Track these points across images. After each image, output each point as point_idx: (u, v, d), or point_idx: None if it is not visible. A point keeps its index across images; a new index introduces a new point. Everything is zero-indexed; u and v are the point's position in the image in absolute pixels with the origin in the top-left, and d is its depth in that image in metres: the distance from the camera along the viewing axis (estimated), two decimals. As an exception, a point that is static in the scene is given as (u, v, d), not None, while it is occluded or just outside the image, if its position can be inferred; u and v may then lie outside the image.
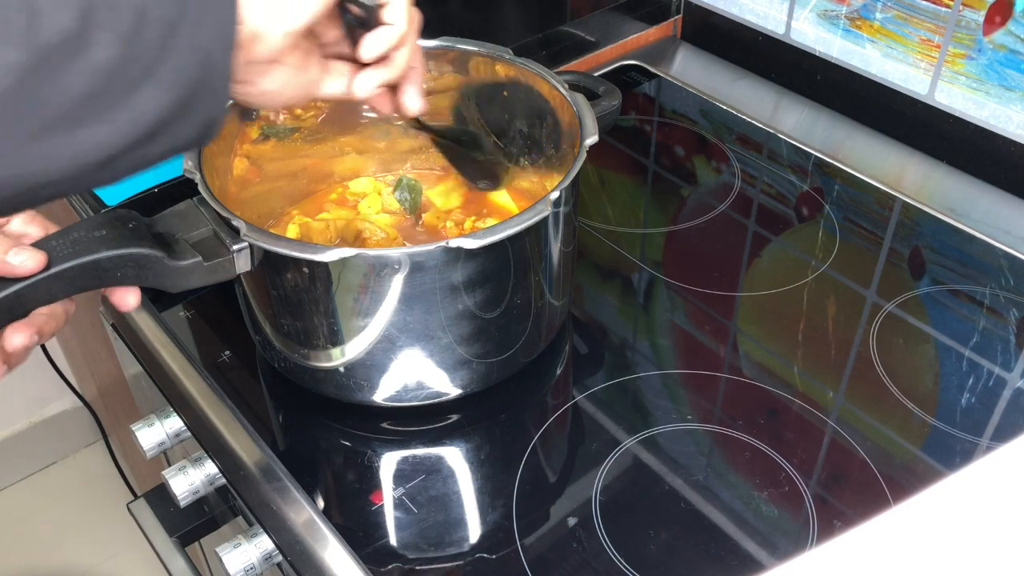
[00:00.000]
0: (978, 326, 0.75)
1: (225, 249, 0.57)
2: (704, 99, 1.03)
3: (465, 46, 0.74)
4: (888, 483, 0.63)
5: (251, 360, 0.72)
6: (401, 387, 0.65)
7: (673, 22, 1.13)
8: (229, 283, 0.62)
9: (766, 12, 1.01)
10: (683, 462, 0.65)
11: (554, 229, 0.63)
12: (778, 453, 0.65)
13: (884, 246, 0.83)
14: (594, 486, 0.63)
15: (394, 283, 0.58)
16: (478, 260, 0.59)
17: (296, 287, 0.60)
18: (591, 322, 0.77)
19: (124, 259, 0.53)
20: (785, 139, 0.97)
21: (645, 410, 0.68)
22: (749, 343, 0.74)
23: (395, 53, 0.55)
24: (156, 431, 0.71)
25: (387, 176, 0.80)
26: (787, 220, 0.86)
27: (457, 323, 0.62)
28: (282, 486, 0.63)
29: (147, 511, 0.74)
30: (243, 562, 0.62)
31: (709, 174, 0.93)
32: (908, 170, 0.93)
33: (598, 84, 0.74)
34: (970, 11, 0.83)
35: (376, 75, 0.56)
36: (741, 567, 0.58)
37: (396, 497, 0.62)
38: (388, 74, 0.56)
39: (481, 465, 0.65)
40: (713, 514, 0.61)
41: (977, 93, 0.86)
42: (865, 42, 0.93)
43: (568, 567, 0.58)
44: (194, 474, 0.68)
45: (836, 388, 0.70)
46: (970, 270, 0.80)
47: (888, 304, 0.76)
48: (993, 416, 0.68)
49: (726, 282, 0.79)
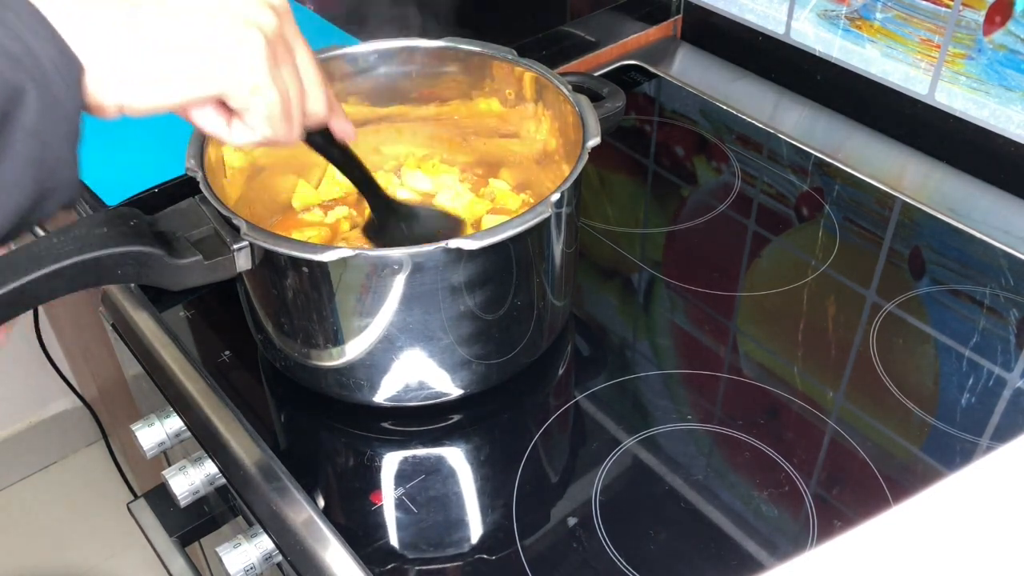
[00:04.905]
0: (978, 326, 0.75)
1: (226, 248, 0.58)
2: (704, 99, 1.03)
3: (469, 47, 0.74)
4: (888, 483, 0.63)
5: (251, 360, 0.72)
6: (402, 387, 0.65)
7: (673, 22, 1.13)
8: (230, 283, 0.62)
9: (766, 12, 1.01)
10: (683, 462, 0.65)
11: (556, 230, 0.63)
12: (778, 453, 0.65)
13: (884, 246, 0.83)
14: (594, 486, 0.63)
15: (395, 283, 0.58)
16: (479, 261, 0.59)
17: (296, 286, 0.60)
18: (591, 322, 0.77)
19: (124, 257, 0.53)
20: (785, 139, 0.97)
21: (645, 410, 0.68)
22: (749, 343, 0.74)
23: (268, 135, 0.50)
24: (156, 431, 0.71)
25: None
26: (787, 220, 0.87)
27: (458, 324, 0.62)
28: (282, 486, 0.63)
29: (147, 511, 0.74)
30: (243, 562, 0.62)
31: (709, 174, 0.93)
32: (908, 170, 0.93)
33: (602, 85, 0.74)
34: (970, 11, 0.83)
35: (251, 136, 0.50)
36: (741, 567, 0.58)
37: (396, 497, 0.62)
38: (263, 140, 0.50)
39: (481, 465, 0.65)
40: (713, 514, 0.61)
41: (977, 93, 0.86)
42: (865, 42, 0.93)
43: (568, 567, 0.58)
44: (194, 474, 0.68)
45: (836, 388, 0.70)
46: (970, 270, 0.80)
47: (888, 304, 0.76)
48: (993, 416, 0.68)
49: (726, 282, 0.79)
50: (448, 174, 0.80)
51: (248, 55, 0.45)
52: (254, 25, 0.45)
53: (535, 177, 0.77)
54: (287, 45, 0.48)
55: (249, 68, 0.45)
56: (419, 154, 0.80)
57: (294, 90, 0.49)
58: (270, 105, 0.47)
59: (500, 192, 0.78)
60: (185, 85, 0.45)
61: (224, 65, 0.45)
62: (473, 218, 0.76)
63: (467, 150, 0.80)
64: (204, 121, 0.48)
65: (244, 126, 0.48)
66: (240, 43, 0.45)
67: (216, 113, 0.48)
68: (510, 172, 0.79)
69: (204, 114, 0.47)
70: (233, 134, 0.49)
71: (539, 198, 0.73)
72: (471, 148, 0.80)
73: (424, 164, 0.80)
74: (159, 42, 0.43)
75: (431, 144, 0.80)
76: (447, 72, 0.75)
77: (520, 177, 0.78)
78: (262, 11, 0.46)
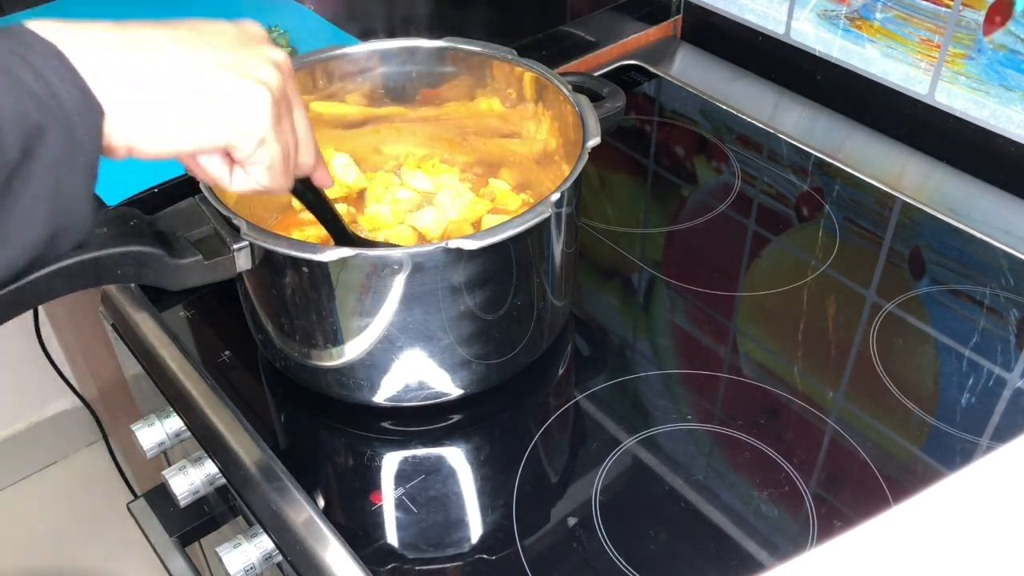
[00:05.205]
0: (978, 326, 0.75)
1: (225, 248, 0.58)
2: (704, 99, 1.03)
3: (469, 47, 0.74)
4: (888, 483, 0.63)
5: (251, 360, 0.72)
6: (402, 387, 0.65)
7: (673, 22, 1.13)
8: (229, 283, 0.62)
9: (766, 12, 1.01)
10: (683, 462, 0.65)
11: (556, 230, 0.63)
12: (778, 453, 0.65)
13: (884, 246, 0.83)
14: (594, 486, 0.63)
15: (395, 283, 0.58)
16: (479, 261, 0.59)
17: (296, 286, 0.60)
18: (591, 322, 0.77)
19: (124, 257, 0.53)
20: (785, 139, 0.97)
21: (645, 410, 0.68)
22: (749, 343, 0.74)
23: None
24: (156, 431, 0.71)
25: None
26: (787, 220, 0.87)
27: (458, 324, 0.62)
28: (282, 486, 0.63)
29: (147, 511, 0.74)
30: (243, 562, 0.62)
31: (709, 174, 0.93)
32: (908, 170, 0.93)
33: (602, 85, 0.74)
34: (970, 11, 0.83)
35: (250, 185, 0.52)
36: (741, 567, 0.58)
37: (396, 497, 0.62)
38: (259, 189, 0.53)
39: (481, 465, 0.65)
40: (713, 514, 0.61)
41: (977, 93, 0.86)
42: (865, 42, 0.93)
43: (568, 567, 0.58)
44: (194, 474, 0.68)
45: (836, 388, 0.70)
46: (970, 270, 0.80)
47: (888, 304, 0.76)
48: (993, 416, 0.68)
49: (726, 282, 0.79)
50: (448, 174, 0.80)
51: (256, 110, 0.48)
52: (263, 82, 0.48)
53: (535, 177, 0.77)
54: (288, 102, 0.51)
55: (257, 122, 0.48)
56: (419, 154, 0.80)
57: (292, 144, 0.52)
58: (272, 157, 0.50)
59: (500, 192, 0.78)
60: (196, 134, 0.47)
61: (234, 118, 0.47)
62: (473, 218, 0.76)
63: (467, 150, 0.80)
64: (210, 168, 0.50)
65: (245, 175, 0.51)
66: (250, 98, 0.48)
67: (221, 162, 0.50)
68: (510, 172, 0.79)
69: (211, 162, 0.50)
70: (234, 182, 0.51)
71: (539, 198, 0.73)
72: (471, 148, 0.80)
73: (424, 164, 0.80)
74: (175, 92, 0.45)
75: (431, 144, 0.80)
76: (447, 72, 0.75)
77: (520, 177, 0.78)
78: (269, 70, 0.49)
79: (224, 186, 0.51)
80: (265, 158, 0.50)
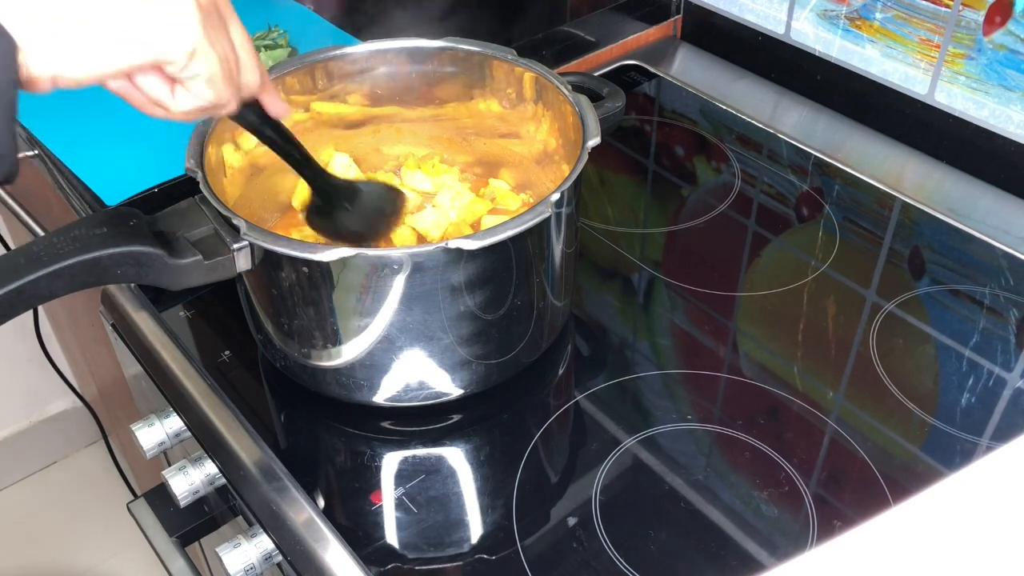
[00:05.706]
0: (978, 326, 0.75)
1: (225, 248, 0.58)
2: (704, 99, 1.03)
3: (469, 47, 0.74)
4: (888, 483, 0.63)
5: (251, 360, 0.72)
6: (402, 387, 0.65)
7: (673, 22, 1.13)
8: (229, 283, 0.62)
9: (766, 12, 1.01)
10: (683, 462, 0.65)
11: (556, 230, 0.63)
12: (778, 453, 0.65)
13: (884, 246, 0.83)
14: (594, 486, 0.63)
15: (395, 283, 0.58)
16: (479, 261, 0.59)
17: (296, 286, 0.60)
18: (591, 322, 0.77)
19: (124, 257, 0.53)
20: (785, 139, 0.97)
21: (645, 410, 0.68)
22: (749, 343, 0.74)
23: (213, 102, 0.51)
24: (156, 431, 0.71)
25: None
26: (787, 220, 0.87)
27: (458, 324, 0.62)
28: (282, 486, 0.63)
29: (147, 511, 0.74)
30: (243, 562, 0.62)
31: (709, 174, 0.93)
32: (908, 170, 0.93)
33: (602, 85, 0.74)
34: (970, 11, 0.83)
35: (194, 102, 0.50)
36: (741, 567, 0.58)
37: (396, 497, 0.62)
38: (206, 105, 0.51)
39: (481, 465, 0.65)
40: (713, 514, 0.61)
41: (977, 93, 0.86)
42: (865, 42, 0.93)
43: (568, 567, 0.58)
44: (194, 474, 0.68)
45: (836, 388, 0.70)
46: (970, 270, 0.80)
47: (888, 304, 0.76)
48: (993, 416, 0.68)
49: (726, 282, 0.79)
50: (448, 174, 0.80)
51: (181, 18, 0.46)
52: None
53: (535, 177, 0.77)
54: (220, 16, 0.49)
55: (184, 31, 0.46)
56: (419, 154, 0.80)
57: (232, 57, 0.50)
58: (210, 68, 0.48)
59: (500, 192, 0.78)
60: (120, 53, 0.45)
61: (158, 30, 0.46)
62: (473, 218, 0.76)
63: (467, 150, 0.80)
64: (150, 89, 0.48)
65: (186, 92, 0.49)
66: (173, 8, 0.46)
67: (160, 81, 0.48)
68: (510, 172, 0.79)
69: (148, 82, 0.48)
70: (177, 101, 0.49)
71: (539, 198, 0.73)
72: (471, 148, 0.80)
73: (424, 164, 0.80)
74: (91, 11, 0.44)
75: (431, 144, 0.80)
76: (447, 72, 0.75)
77: (520, 177, 0.78)
78: None
79: (169, 107, 0.49)
80: (203, 69, 0.48)
